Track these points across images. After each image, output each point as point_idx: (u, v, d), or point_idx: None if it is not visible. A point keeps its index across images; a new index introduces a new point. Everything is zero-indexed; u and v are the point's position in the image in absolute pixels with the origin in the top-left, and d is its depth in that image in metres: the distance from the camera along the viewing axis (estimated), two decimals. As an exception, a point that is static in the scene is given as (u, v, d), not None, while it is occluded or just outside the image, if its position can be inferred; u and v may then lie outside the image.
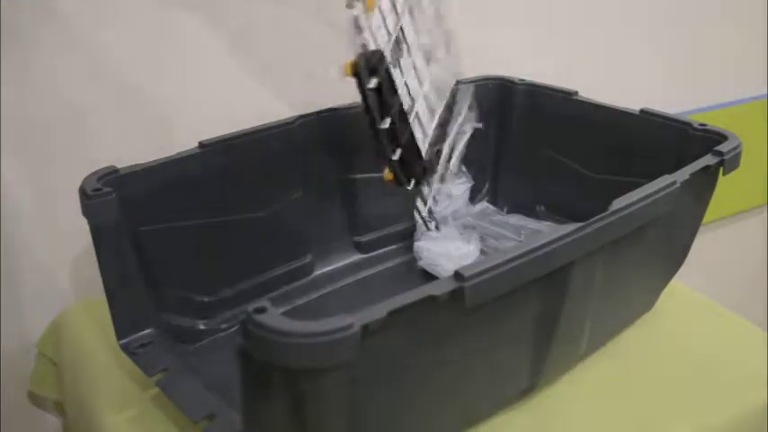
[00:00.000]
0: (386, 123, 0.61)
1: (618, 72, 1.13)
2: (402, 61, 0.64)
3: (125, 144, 0.79)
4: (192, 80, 0.82)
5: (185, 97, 0.82)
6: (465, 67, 0.74)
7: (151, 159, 0.66)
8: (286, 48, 0.85)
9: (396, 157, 0.63)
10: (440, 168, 0.72)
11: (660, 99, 0.87)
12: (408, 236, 0.83)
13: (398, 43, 0.63)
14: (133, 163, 0.65)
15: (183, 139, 0.69)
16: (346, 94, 0.66)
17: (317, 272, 0.79)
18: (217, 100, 0.84)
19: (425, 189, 0.72)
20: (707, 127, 0.69)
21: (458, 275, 0.46)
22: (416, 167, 0.67)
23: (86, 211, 0.60)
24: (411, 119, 0.65)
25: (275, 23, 0.84)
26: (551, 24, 1.04)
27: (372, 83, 0.60)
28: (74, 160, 0.76)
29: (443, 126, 0.72)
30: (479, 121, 0.76)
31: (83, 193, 0.60)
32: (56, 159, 0.78)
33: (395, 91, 0.63)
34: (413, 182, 0.67)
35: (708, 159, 0.63)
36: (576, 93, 0.80)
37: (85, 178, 0.61)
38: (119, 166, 0.64)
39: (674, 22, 1.16)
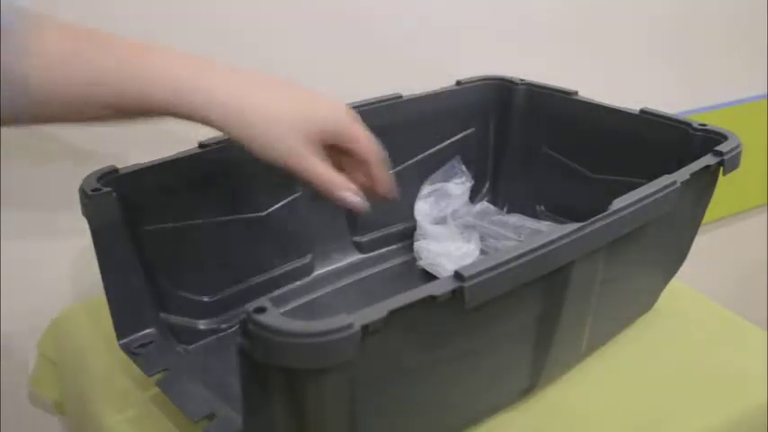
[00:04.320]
0: None
1: (618, 72, 1.13)
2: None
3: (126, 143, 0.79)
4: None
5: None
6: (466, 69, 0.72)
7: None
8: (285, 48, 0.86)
9: None
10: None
11: (660, 99, 0.86)
12: (408, 236, 0.83)
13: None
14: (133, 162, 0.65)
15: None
16: (346, 94, 0.66)
17: (317, 272, 0.79)
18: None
19: None
20: (707, 127, 0.69)
21: (458, 275, 0.46)
22: None
23: (86, 211, 0.60)
24: None
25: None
26: (551, 24, 1.04)
27: None
28: (74, 159, 0.76)
29: None
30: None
31: (83, 193, 0.60)
32: (56, 158, 0.78)
33: None
34: None
35: (708, 159, 0.63)
36: (576, 93, 0.80)
37: (85, 178, 0.61)
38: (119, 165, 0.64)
39: (674, 22, 1.16)
